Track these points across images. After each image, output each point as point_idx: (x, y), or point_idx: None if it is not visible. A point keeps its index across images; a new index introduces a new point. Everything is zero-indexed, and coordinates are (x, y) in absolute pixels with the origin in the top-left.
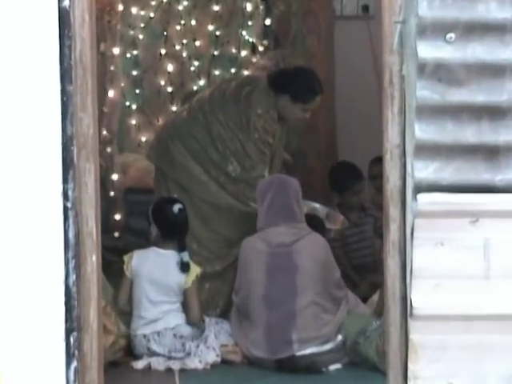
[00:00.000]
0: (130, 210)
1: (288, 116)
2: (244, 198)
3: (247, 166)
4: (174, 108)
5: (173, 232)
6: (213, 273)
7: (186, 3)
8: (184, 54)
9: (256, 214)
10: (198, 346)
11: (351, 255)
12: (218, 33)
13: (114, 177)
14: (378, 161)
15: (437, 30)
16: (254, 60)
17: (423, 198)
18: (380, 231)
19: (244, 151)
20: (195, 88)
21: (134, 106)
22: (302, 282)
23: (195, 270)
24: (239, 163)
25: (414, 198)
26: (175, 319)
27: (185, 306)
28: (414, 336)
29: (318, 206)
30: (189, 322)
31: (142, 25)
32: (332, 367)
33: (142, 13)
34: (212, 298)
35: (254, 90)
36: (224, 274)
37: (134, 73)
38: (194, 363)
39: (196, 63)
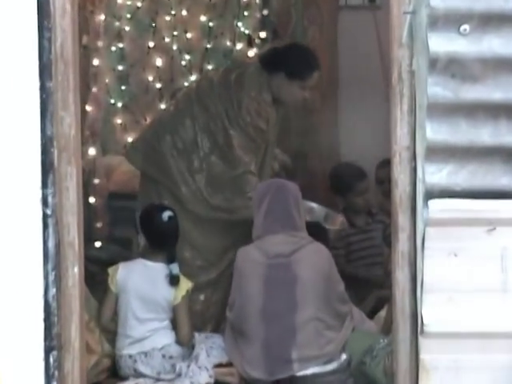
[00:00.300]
0: (115, 218)
1: (285, 97)
2: (228, 206)
3: (232, 159)
4: (163, 106)
5: (162, 242)
6: (207, 282)
7: None
8: (174, 47)
9: (248, 220)
10: (188, 366)
11: (356, 263)
12: (211, 24)
13: (96, 181)
14: (386, 164)
15: (450, 21)
16: (251, 54)
17: (435, 204)
18: (389, 239)
19: (231, 143)
20: (186, 84)
21: (119, 104)
22: (302, 295)
23: (186, 284)
24: (224, 157)
25: (425, 205)
26: (164, 338)
27: (174, 324)
28: (424, 355)
29: (315, 205)
30: (179, 340)
31: (129, 15)
32: None
33: (129, 2)
34: (207, 309)
35: (244, 72)
36: (218, 282)
37: (120, 68)
38: None
39: (187, 57)
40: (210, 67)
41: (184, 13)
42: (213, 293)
